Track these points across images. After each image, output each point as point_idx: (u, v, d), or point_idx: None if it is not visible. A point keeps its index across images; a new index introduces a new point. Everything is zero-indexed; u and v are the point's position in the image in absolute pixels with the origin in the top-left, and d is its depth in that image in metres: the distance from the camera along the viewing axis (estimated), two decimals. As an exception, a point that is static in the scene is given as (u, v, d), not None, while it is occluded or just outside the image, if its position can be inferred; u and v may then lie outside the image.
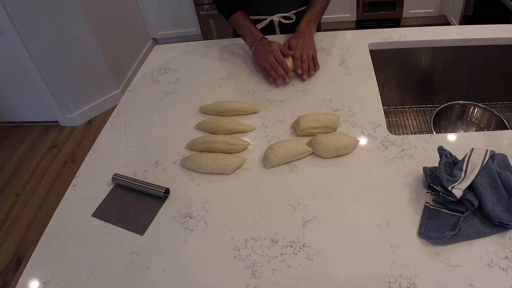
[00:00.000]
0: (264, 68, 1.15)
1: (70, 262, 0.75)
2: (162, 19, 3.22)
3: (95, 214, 0.84)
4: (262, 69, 1.16)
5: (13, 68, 2.40)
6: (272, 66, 1.13)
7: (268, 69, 1.14)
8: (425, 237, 0.70)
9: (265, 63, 1.14)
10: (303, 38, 1.18)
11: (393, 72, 1.36)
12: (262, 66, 1.16)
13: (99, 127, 2.61)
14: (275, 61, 1.13)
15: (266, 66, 1.14)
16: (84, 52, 2.48)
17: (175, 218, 0.81)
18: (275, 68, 1.13)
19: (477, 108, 1.24)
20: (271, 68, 1.13)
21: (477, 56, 1.28)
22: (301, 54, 1.15)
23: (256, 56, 1.19)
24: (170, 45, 1.45)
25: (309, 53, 1.16)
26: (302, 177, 0.85)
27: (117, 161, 0.96)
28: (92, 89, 2.66)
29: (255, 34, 1.22)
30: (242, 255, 0.72)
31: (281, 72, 1.12)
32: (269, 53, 1.14)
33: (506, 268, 0.64)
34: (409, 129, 1.36)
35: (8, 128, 2.77)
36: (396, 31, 1.32)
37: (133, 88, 1.23)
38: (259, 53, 1.17)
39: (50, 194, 2.20)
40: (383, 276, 0.66)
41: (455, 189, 0.71)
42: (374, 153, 0.89)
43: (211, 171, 0.89)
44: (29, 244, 1.92)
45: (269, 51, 1.14)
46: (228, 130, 0.99)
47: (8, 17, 2.12)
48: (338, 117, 0.96)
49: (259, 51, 1.17)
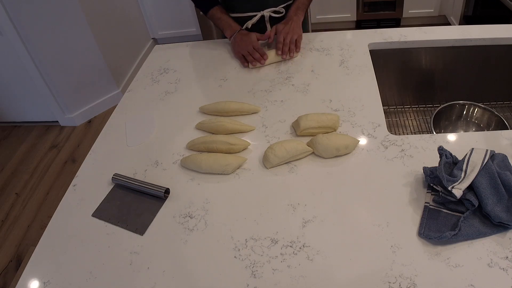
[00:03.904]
0: (242, 56, 1.25)
1: (70, 262, 0.75)
2: (162, 19, 3.22)
3: (95, 214, 0.84)
4: (240, 56, 1.26)
5: (13, 68, 2.40)
6: (249, 53, 1.23)
7: (246, 55, 1.24)
8: (425, 237, 0.70)
9: (244, 51, 1.24)
10: (290, 24, 1.26)
11: (393, 72, 1.36)
12: (240, 54, 1.26)
13: (99, 127, 2.61)
14: (253, 49, 1.23)
15: (244, 54, 1.24)
16: (84, 52, 2.48)
17: (175, 218, 0.81)
18: (252, 53, 1.23)
19: (477, 108, 1.24)
20: (249, 55, 1.24)
21: (477, 56, 1.28)
22: (285, 38, 1.24)
23: (236, 45, 1.28)
24: (170, 45, 1.45)
25: (292, 38, 1.24)
26: (302, 177, 0.85)
27: (117, 161, 0.96)
28: (92, 89, 2.65)
29: (234, 26, 1.31)
30: (242, 255, 0.72)
31: (257, 56, 1.23)
32: (248, 43, 1.24)
33: (506, 268, 0.64)
34: (409, 129, 1.36)
35: (8, 128, 2.77)
36: (396, 31, 1.32)
37: (133, 88, 1.23)
38: (238, 43, 1.27)
39: (50, 194, 2.20)
40: (383, 276, 0.66)
41: (455, 189, 0.71)
42: (374, 153, 0.89)
43: (211, 171, 0.89)
44: (29, 244, 1.92)
45: (248, 41, 1.25)
46: (228, 130, 0.99)
47: (8, 17, 2.12)
48: (338, 117, 0.96)
49: (238, 41, 1.27)
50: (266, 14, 1.35)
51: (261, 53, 1.23)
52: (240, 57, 1.27)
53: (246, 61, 1.24)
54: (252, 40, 1.25)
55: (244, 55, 1.25)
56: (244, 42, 1.25)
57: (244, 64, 1.25)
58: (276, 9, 1.35)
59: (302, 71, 1.20)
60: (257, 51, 1.23)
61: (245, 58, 1.24)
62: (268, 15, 1.36)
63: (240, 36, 1.27)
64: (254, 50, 1.23)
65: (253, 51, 1.23)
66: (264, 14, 1.35)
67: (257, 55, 1.22)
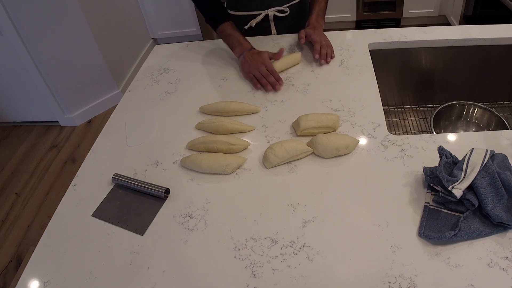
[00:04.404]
0: (253, 76, 1.15)
1: (70, 262, 0.75)
2: (162, 19, 3.22)
3: (95, 214, 0.84)
4: (251, 78, 1.16)
5: (13, 68, 2.40)
6: (263, 75, 1.13)
7: (258, 77, 1.14)
8: (425, 237, 0.70)
9: (255, 72, 1.14)
10: (319, 30, 1.24)
11: (393, 72, 1.36)
12: (251, 74, 1.15)
13: (99, 127, 2.61)
14: (266, 71, 1.13)
15: (256, 75, 1.14)
16: (84, 52, 2.48)
17: (175, 218, 0.81)
18: (266, 76, 1.13)
19: (477, 108, 1.24)
20: (262, 77, 1.13)
21: (477, 56, 1.28)
22: (321, 40, 1.20)
23: (245, 65, 1.18)
24: (170, 45, 1.45)
25: (327, 41, 1.22)
26: (302, 177, 0.85)
27: (117, 161, 0.96)
28: (92, 89, 2.66)
29: (244, 44, 1.22)
30: (242, 255, 0.72)
31: (272, 80, 1.12)
32: (260, 63, 1.14)
33: (506, 268, 0.64)
34: (409, 129, 1.36)
35: (8, 128, 2.77)
36: (396, 31, 1.32)
37: (133, 88, 1.23)
38: (249, 63, 1.17)
39: (50, 194, 2.20)
40: (383, 276, 0.66)
41: (455, 189, 0.71)
42: (374, 153, 0.89)
43: (211, 171, 0.89)
44: (29, 244, 1.92)
45: (260, 61, 1.15)
46: (228, 130, 0.99)
47: (8, 17, 2.12)
48: (338, 117, 0.96)
49: (248, 61, 1.17)
50: (271, 13, 1.35)
51: (277, 77, 1.13)
52: (251, 78, 1.16)
53: (258, 82, 1.14)
54: (264, 59, 1.15)
55: (256, 76, 1.14)
56: (256, 62, 1.15)
57: (256, 86, 1.14)
58: (281, 8, 1.35)
59: (302, 71, 1.20)
60: (272, 74, 1.13)
61: (257, 79, 1.14)
62: (272, 14, 1.35)
63: (250, 55, 1.18)
64: (268, 73, 1.13)
65: (267, 74, 1.13)
66: (269, 13, 1.35)
67: (271, 79, 1.12)
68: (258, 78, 1.14)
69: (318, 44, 1.20)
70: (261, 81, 1.13)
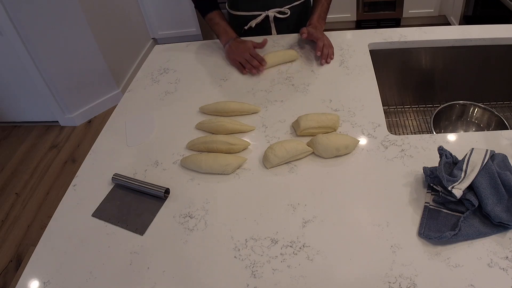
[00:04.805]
0: (239, 63, 1.22)
1: (70, 262, 0.75)
2: (162, 19, 3.22)
3: (95, 214, 0.84)
4: (237, 64, 1.23)
5: (13, 68, 2.40)
6: (247, 60, 1.20)
7: (243, 63, 1.21)
8: (425, 237, 0.70)
9: (240, 59, 1.22)
10: (320, 31, 1.25)
11: (393, 72, 1.36)
12: (237, 61, 1.23)
13: (99, 127, 2.61)
14: (250, 56, 1.20)
15: (241, 61, 1.22)
16: (84, 52, 2.48)
17: (175, 218, 0.81)
18: (250, 61, 1.20)
19: (477, 108, 1.24)
20: (247, 62, 1.21)
21: (477, 56, 1.28)
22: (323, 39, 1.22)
23: (230, 52, 1.25)
24: (170, 45, 1.45)
25: (328, 41, 1.23)
26: (302, 177, 0.85)
27: (117, 161, 0.96)
28: (92, 89, 2.66)
29: (230, 33, 1.29)
30: (242, 255, 0.72)
31: (255, 63, 1.19)
32: (245, 50, 1.21)
33: (506, 268, 0.64)
34: (409, 129, 1.36)
35: (8, 128, 2.77)
36: (396, 31, 1.32)
37: (133, 88, 1.23)
38: (234, 50, 1.24)
39: (50, 194, 2.20)
40: (383, 276, 0.66)
41: (455, 189, 0.71)
42: (374, 153, 0.89)
43: (211, 171, 0.89)
44: (29, 244, 1.92)
45: (244, 48, 1.22)
46: (228, 130, 0.99)
47: (8, 17, 2.12)
48: (338, 117, 0.96)
49: (233, 48, 1.24)
50: (271, 14, 1.35)
51: (259, 59, 1.19)
52: (237, 65, 1.23)
53: (244, 68, 1.21)
54: (248, 47, 1.21)
55: (241, 62, 1.21)
56: (240, 49, 1.22)
57: (242, 71, 1.22)
58: (282, 9, 1.35)
59: (302, 71, 1.20)
60: (255, 57, 1.20)
61: (242, 65, 1.21)
62: (272, 15, 1.35)
63: (235, 43, 1.24)
64: (252, 57, 1.20)
65: (251, 58, 1.20)
66: (269, 14, 1.35)
67: (255, 62, 1.19)
68: (243, 64, 1.22)
69: (321, 41, 1.21)
70: (246, 66, 1.21)
